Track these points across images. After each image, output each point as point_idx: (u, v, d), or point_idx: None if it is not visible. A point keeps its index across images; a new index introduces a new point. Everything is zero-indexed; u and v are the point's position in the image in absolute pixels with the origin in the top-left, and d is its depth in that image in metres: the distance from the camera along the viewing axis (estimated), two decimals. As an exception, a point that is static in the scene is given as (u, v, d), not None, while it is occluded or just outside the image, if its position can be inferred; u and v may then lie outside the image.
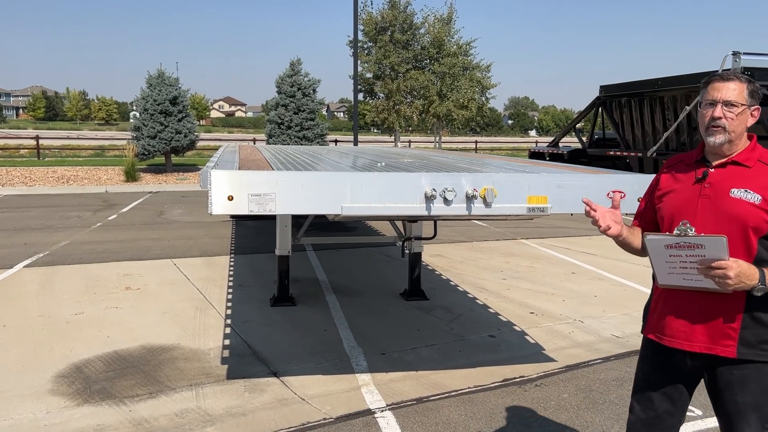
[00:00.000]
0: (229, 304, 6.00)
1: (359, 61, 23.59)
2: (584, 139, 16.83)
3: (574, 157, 15.56)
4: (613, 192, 2.76)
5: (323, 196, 3.15)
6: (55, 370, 4.33)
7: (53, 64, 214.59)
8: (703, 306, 2.07)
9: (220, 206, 3.07)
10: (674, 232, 2.04)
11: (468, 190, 3.29)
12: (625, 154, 14.57)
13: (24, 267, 7.44)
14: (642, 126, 14.15)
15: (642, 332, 2.35)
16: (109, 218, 11.59)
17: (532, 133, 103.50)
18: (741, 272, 1.92)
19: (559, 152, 16.42)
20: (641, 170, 13.63)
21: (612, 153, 15.05)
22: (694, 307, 2.09)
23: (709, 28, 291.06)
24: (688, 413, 3.77)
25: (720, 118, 2.07)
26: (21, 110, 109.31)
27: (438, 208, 3.26)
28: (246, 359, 4.61)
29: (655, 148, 13.28)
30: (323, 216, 3.67)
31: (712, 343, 2.08)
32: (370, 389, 4.11)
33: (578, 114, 18.09)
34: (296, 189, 3.12)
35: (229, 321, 5.50)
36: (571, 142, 23.19)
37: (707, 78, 2.15)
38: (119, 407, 3.79)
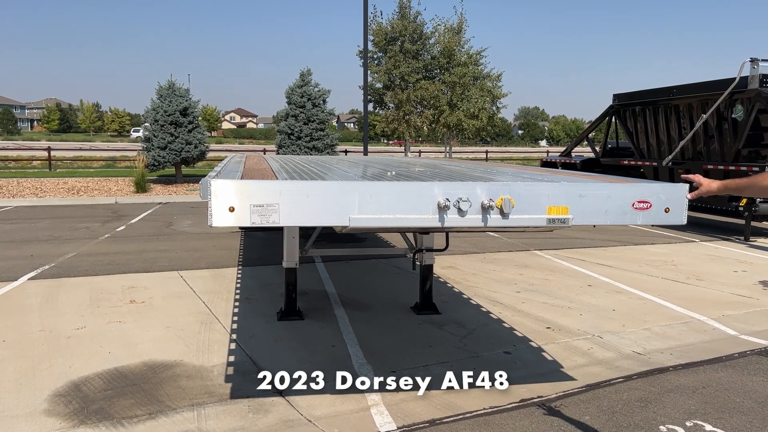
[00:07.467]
0: (235, 318, 5.83)
1: (369, 72, 23.51)
2: (597, 148, 16.57)
3: (588, 167, 15.31)
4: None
5: (330, 206, 2.97)
6: (52, 389, 4.16)
7: (67, 76, 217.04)
8: None
9: (220, 218, 2.91)
10: None
11: (484, 201, 3.10)
12: (639, 163, 14.30)
13: (29, 279, 7.31)
14: (657, 135, 13.89)
15: None
16: (118, 229, 11.48)
17: (543, 143, 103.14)
18: None
19: (572, 162, 16.17)
20: (656, 180, 13.36)
21: (626, 162, 14.78)
22: None
23: (725, 35, 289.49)
24: (674, 426, 3.56)
25: None
26: (36, 122, 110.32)
27: (452, 220, 3.07)
28: (251, 377, 4.42)
29: (670, 157, 13.01)
30: (331, 227, 3.49)
31: None
32: (380, 410, 3.91)
33: (591, 123, 17.85)
34: (301, 199, 2.94)
35: (234, 336, 5.32)
36: (583, 151, 22.92)
37: None
38: (116, 429, 3.61)
